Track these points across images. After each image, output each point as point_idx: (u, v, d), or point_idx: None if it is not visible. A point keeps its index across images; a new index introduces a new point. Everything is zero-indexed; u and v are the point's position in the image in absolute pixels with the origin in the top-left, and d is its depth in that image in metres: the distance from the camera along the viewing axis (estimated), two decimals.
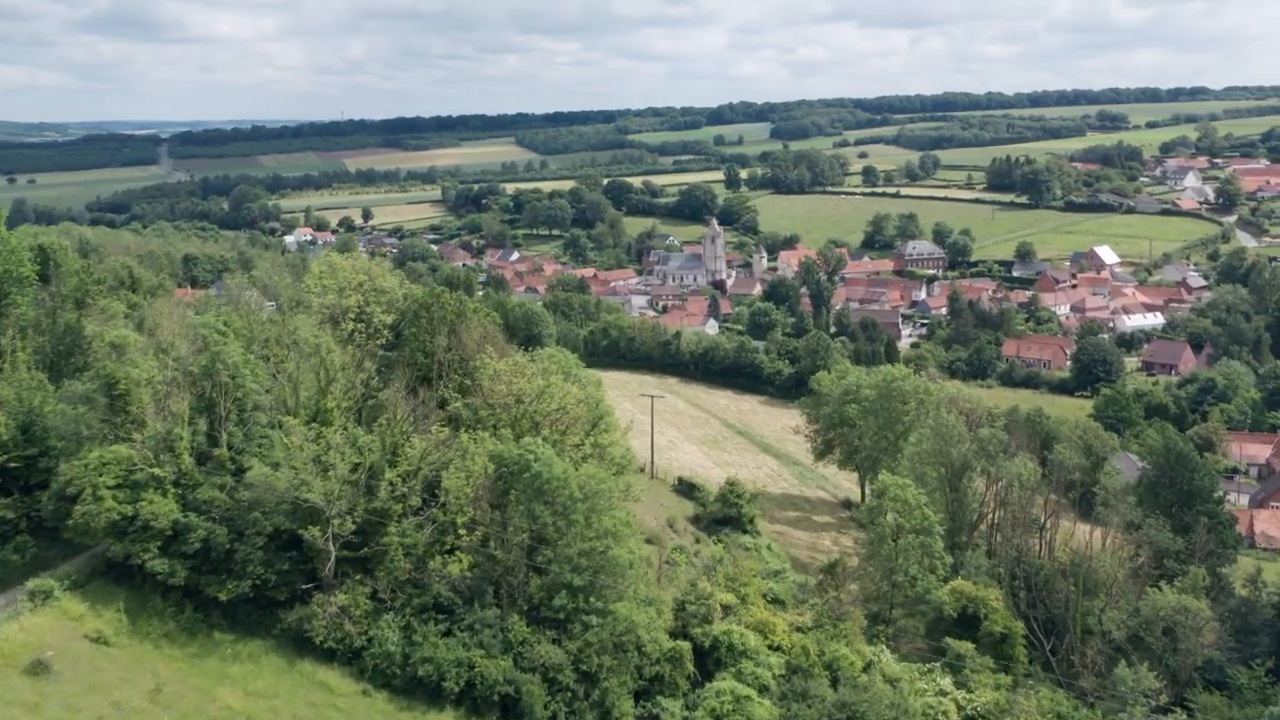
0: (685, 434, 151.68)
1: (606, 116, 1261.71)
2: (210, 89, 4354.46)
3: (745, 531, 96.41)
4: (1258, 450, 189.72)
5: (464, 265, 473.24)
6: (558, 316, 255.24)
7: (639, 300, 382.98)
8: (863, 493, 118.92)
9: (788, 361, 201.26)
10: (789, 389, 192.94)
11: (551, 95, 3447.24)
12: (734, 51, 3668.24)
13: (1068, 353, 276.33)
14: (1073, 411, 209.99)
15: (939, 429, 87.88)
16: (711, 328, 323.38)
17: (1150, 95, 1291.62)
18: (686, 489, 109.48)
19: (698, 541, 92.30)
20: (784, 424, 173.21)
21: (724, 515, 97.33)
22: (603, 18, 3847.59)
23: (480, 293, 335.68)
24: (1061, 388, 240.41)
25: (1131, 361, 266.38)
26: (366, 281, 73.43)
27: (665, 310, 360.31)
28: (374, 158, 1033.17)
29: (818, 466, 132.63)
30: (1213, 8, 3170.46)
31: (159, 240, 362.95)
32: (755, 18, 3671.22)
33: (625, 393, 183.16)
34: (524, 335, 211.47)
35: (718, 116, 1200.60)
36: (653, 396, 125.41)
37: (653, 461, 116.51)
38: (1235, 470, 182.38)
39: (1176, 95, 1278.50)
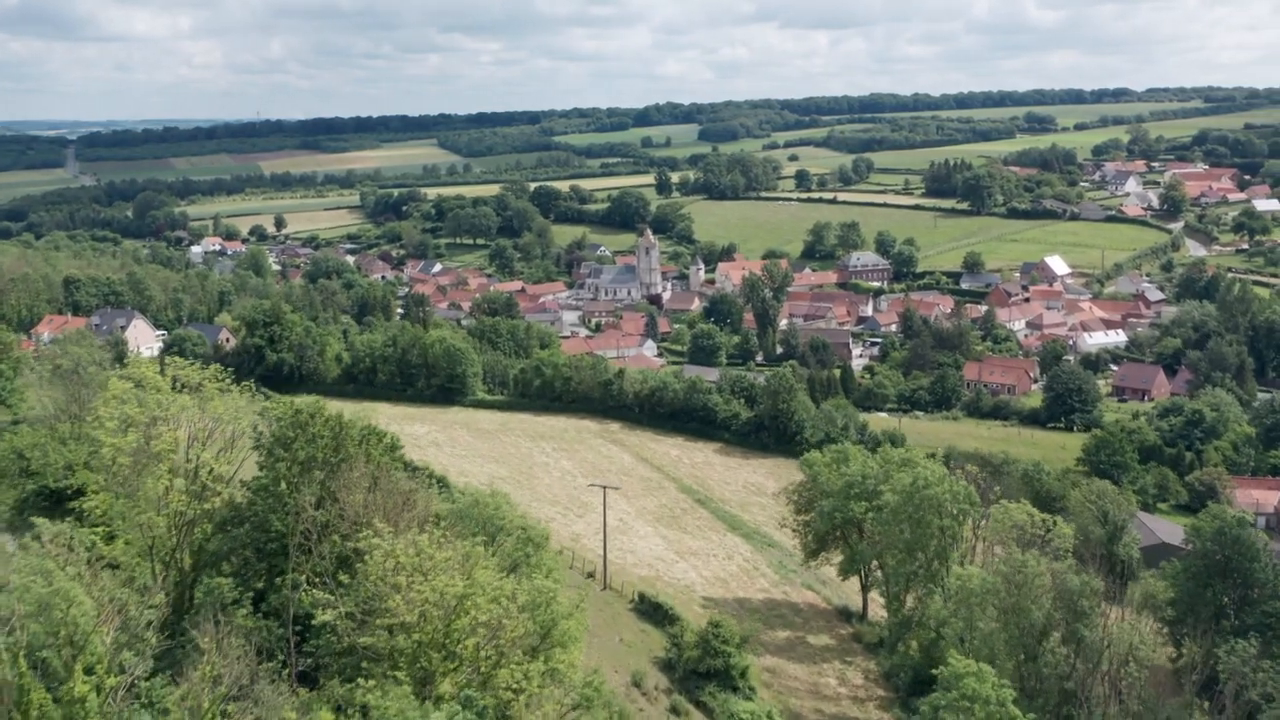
0: (636, 506, 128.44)
1: (531, 117, 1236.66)
2: (126, 89, 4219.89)
3: (735, 689, 73.55)
4: (1265, 496, 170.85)
5: (383, 278, 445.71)
6: (484, 345, 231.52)
7: (570, 317, 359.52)
8: (865, 600, 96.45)
9: (744, 401, 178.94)
10: (747, 435, 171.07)
11: (475, 95, 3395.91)
12: (658, 51, 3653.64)
13: (1032, 375, 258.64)
14: (1053, 450, 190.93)
15: (1014, 576, 65.90)
16: (650, 349, 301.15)
17: (1074, 97, 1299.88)
18: (650, 609, 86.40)
19: (676, 713, 69.19)
20: (745, 481, 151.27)
21: (707, 667, 74.32)
22: (525, 17, 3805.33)
23: (399, 314, 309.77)
24: (1033, 419, 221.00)
25: (1100, 384, 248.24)
26: (193, 410, 48.60)
27: (599, 328, 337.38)
28: (290, 160, 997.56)
29: (797, 546, 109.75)
30: (1125, 10, 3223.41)
31: (42, 258, 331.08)
32: (679, 17, 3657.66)
33: (562, 444, 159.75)
34: (446, 375, 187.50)
35: (644, 118, 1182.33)
36: (604, 488, 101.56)
37: (605, 570, 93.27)
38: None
39: (1100, 97, 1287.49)
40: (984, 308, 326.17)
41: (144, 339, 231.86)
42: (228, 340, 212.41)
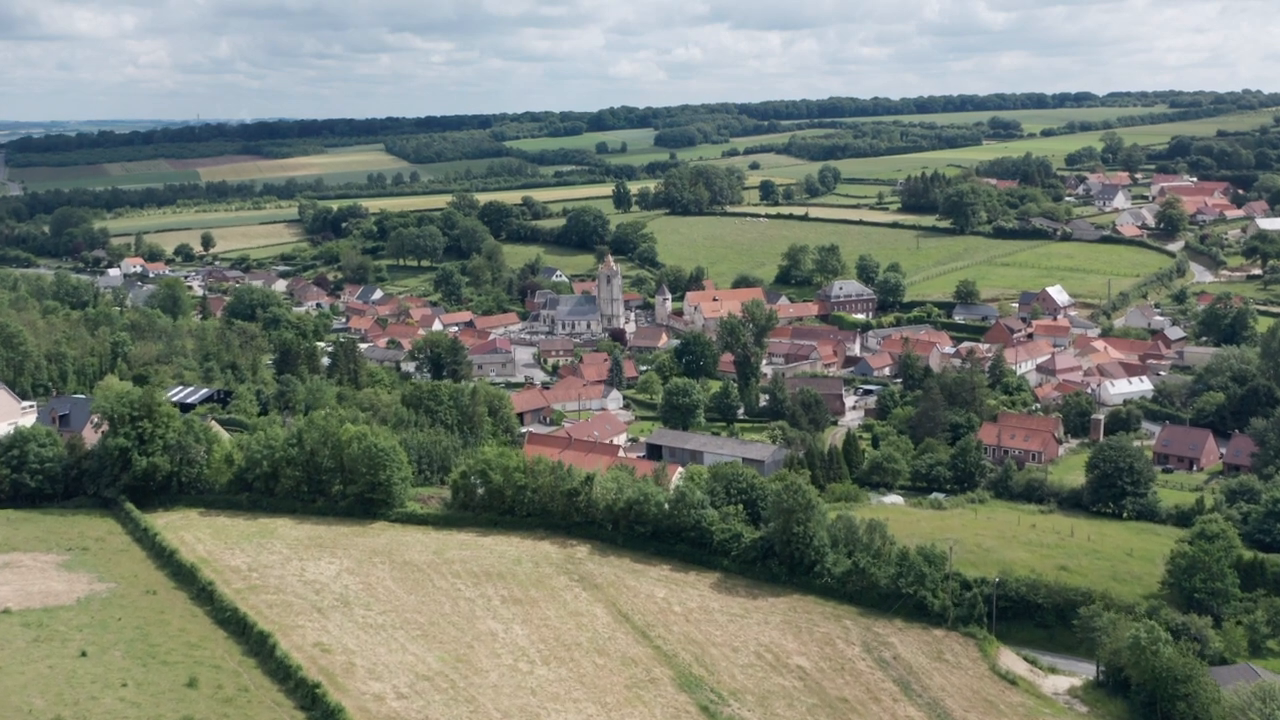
0: None
1: (482, 121, 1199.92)
2: (71, 88, 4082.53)
3: None
4: None
5: (317, 306, 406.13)
6: (421, 415, 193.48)
7: (524, 355, 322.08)
8: None
9: (744, 510, 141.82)
10: (752, 562, 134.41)
11: (427, 97, 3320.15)
12: (612, 52, 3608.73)
13: (1057, 436, 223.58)
14: (1120, 559, 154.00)
15: None
16: (615, 401, 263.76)
17: (1035, 101, 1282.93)
18: None
19: None
20: (758, 643, 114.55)
21: None
22: (477, 16, 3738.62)
23: (327, 361, 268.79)
24: (1074, 501, 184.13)
25: (1136, 444, 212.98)
26: None
27: (556, 370, 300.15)
28: (230, 167, 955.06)
29: None
30: (1074, 12, 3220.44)
31: None
32: (632, 17, 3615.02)
33: (514, 592, 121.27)
34: (366, 482, 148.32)
35: (598, 122, 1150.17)
36: None
37: None
38: None
39: (1062, 101, 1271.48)
40: (986, 346, 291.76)
41: (5, 413, 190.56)
42: (102, 423, 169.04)
